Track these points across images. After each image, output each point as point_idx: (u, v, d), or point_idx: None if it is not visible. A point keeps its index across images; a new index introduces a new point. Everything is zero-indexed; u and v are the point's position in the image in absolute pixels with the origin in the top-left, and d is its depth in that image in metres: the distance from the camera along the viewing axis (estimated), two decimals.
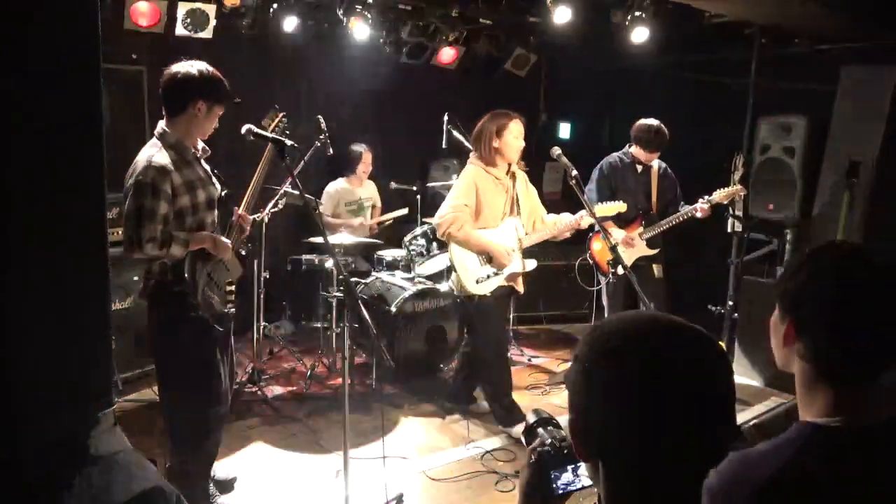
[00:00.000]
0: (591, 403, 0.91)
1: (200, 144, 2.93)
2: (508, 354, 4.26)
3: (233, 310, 3.03)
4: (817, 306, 1.17)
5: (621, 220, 4.36)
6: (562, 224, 3.80)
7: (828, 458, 1.11)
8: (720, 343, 5.10)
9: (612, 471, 0.92)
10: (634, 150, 4.49)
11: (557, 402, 4.44)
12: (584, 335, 0.98)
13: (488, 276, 3.78)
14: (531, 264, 3.90)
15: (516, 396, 4.01)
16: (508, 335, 4.41)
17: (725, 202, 4.34)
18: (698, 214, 4.26)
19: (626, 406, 0.88)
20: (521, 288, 3.97)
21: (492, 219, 3.78)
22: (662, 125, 4.37)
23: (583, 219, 3.73)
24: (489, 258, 3.77)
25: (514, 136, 3.69)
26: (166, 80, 2.75)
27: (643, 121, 4.42)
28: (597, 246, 4.52)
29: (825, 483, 1.08)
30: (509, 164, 3.79)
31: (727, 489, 1.08)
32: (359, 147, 5.51)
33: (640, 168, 4.51)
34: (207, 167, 2.96)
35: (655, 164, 4.53)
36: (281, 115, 3.13)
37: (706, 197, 4.23)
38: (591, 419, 0.92)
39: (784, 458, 1.11)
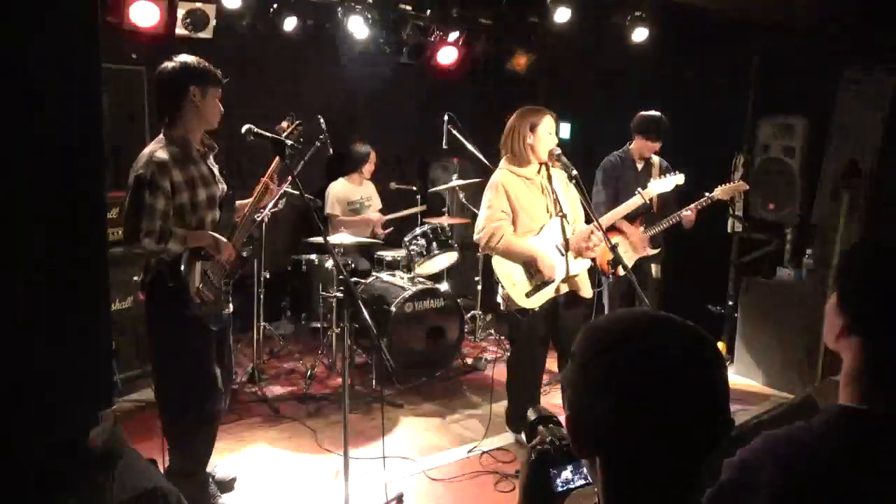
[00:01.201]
0: (587, 400, 0.93)
1: (209, 142, 2.95)
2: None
3: (229, 309, 3.04)
4: (889, 318, 1.19)
5: (626, 218, 4.35)
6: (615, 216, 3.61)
7: (866, 439, 1.14)
8: (719, 342, 5.13)
9: (609, 466, 0.94)
10: (635, 144, 4.45)
11: (558, 402, 4.44)
12: (579, 334, 0.99)
13: (538, 287, 3.53)
14: (580, 265, 3.60)
15: None
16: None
17: (726, 199, 4.30)
18: (688, 213, 4.18)
19: (620, 401, 0.89)
20: (585, 292, 3.66)
21: (531, 222, 3.54)
22: (662, 115, 4.35)
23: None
24: (537, 268, 3.51)
25: (547, 130, 3.49)
26: (156, 81, 2.80)
27: (642, 112, 4.41)
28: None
29: (863, 463, 1.12)
30: (541, 163, 3.57)
31: (760, 463, 1.13)
32: (365, 147, 5.51)
33: (640, 165, 4.50)
34: (214, 166, 2.97)
35: (656, 160, 4.49)
36: (297, 122, 3.15)
37: (707, 194, 4.20)
38: (587, 415, 0.93)
39: (821, 437, 1.15)
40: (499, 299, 3.70)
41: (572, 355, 0.97)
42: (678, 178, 3.76)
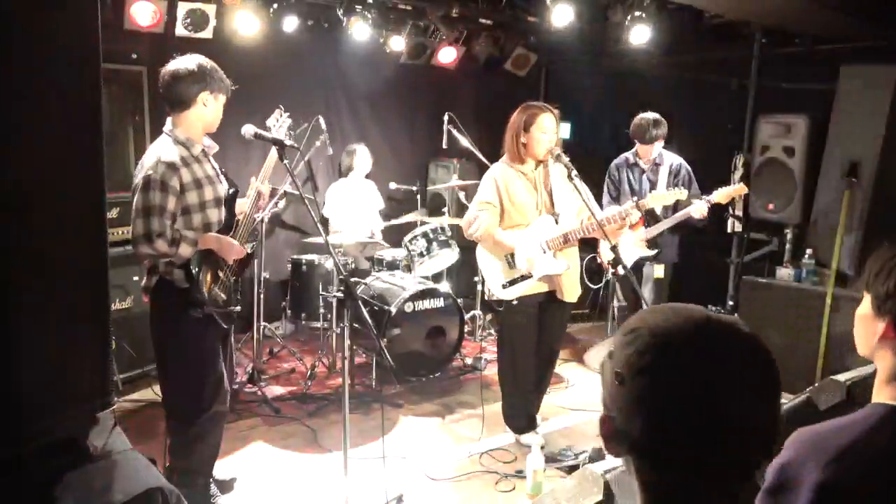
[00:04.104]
0: (624, 411, 0.89)
1: (209, 141, 2.94)
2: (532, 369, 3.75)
3: (238, 308, 3.03)
4: None
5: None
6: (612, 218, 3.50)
7: None
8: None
9: (641, 471, 0.91)
10: (637, 146, 4.50)
11: (557, 402, 4.44)
12: (621, 332, 0.93)
13: (514, 281, 3.54)
14: (561, 265, 3.54)
15: None
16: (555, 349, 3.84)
17: (725, 203, 4.29)
18: (696, 216, 4.21)
19: (655, 425, 0.86)
20: (565, 295, 3.61)
21: (520, 217, 3.54)
22: (657, 118, 4.35)
23: (629, 215, 3.54)
24: (514, 260, 3.54)
25: (541, 130, 3.45)
26: (167, 78, 2.77)
27: (639, 115, 4.43)
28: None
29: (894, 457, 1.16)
30: (538, 161, 3.55)
31: (800, 460, 1.18)
32: (365, 148, 5.51)
33: (645, 166, 4.50)
34: (216, 165, 2.97)
35: (668, 161, 4.49)
36: (285, 115, 3.15)
37: (705, 197, 4.21)
38: (619, 422, 0.90)
39: (856, 432, 1.19)
40: (480, 287, 3.73)
41: (610, 354, 0.92)
42: (679, 193, 3.72)
